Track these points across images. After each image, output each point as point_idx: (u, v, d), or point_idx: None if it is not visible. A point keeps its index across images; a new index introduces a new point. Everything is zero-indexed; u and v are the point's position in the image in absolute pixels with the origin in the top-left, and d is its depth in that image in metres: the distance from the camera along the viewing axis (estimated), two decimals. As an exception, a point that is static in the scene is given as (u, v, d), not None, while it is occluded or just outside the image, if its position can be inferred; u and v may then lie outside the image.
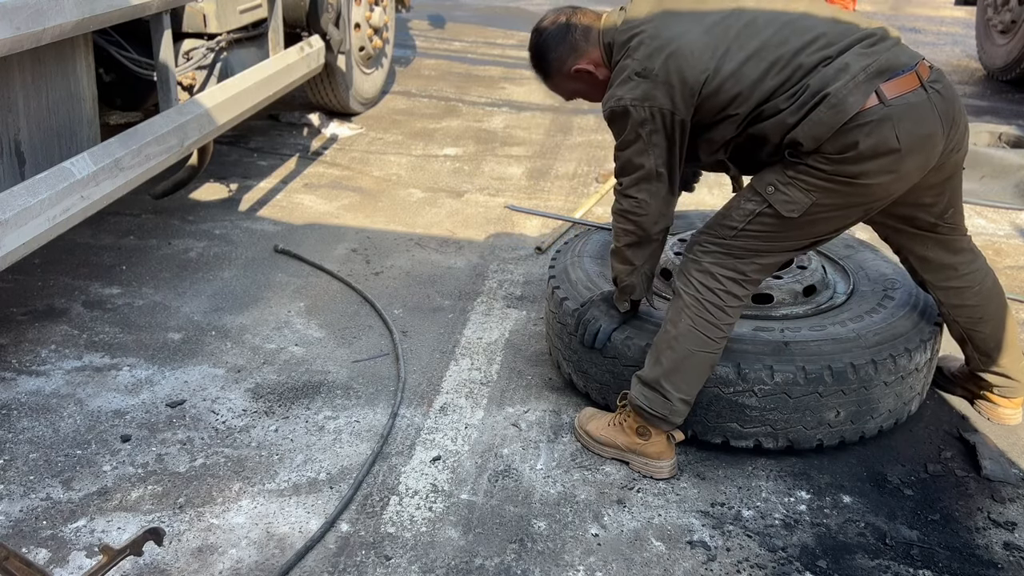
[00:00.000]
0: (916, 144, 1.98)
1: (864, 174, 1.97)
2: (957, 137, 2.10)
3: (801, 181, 2.00)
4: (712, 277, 2.13)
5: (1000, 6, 6.86)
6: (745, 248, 2.11)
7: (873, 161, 1.96)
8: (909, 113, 1.97)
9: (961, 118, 2.10)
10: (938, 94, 2.03)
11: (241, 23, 3.74)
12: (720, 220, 2.14)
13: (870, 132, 1.94)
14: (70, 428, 2.39)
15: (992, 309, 2.38)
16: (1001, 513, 2.21)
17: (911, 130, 1.97)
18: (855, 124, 1.94)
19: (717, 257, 2.13)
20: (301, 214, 3.93)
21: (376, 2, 5.24)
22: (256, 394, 2.59)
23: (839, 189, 2.00)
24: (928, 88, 2.01)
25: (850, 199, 2.03)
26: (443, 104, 5.82)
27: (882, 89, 1.95)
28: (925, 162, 2.03)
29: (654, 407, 2.20)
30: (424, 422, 2.48)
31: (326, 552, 1.99)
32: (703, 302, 2.13)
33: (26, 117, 2.51)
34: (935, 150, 2.03)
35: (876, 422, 2.38)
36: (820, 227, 2.10)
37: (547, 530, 2.09)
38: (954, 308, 2.39)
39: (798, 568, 2.00)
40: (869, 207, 2.09)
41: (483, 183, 4.40)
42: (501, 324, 3.03)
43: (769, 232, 2.08)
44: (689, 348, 2.15)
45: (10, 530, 2.02)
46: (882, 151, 1.95)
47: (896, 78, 1.98)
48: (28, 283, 3.18)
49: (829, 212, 2.05)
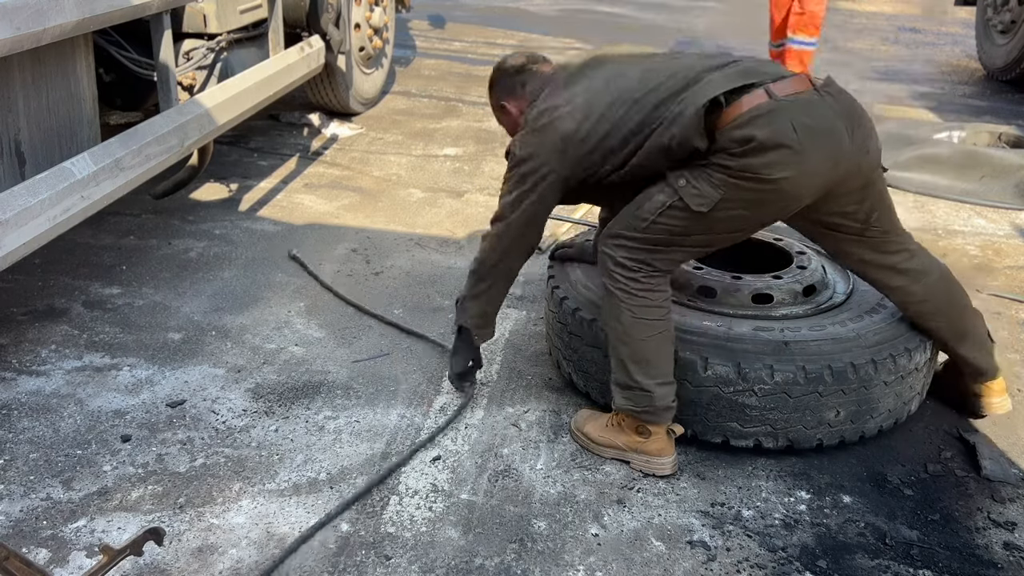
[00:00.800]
0: (815, 136, 2.02)
1: (768, 167, 2.00)
2: (861, 137, 2.11)
3: (710, 176, 2.06)
4: (628, 269, 2.19)
5: (1000, 6, 6.87)
6: (655, 241, 2.16)
7: (774, 152, 2.00)
8: (803, 107, 2.04)
9: (864, 119, 2.14)
10: (831, 96, 2.09)
11: (241, 23, 3.74)
12: (632, 211, 2.20)
13: (765, 123, 2.00)
14: (70, 428, 2.39)
15: (942, 302, 2.38)
16: (1001, 513, 2.21)
17: (807, 123, 2.02)
18: (748, 118, 2.01)
19: (630, 251, 2.18)
20: (301, 214, 3.93)
21: (376, 2, 5.24)
22: (256, 394, 2.59)
23: (748, 186, 2.04)
24: (821, 91, 2.09)
25: (760, 195, 2.06)
26: (443, 104, 5.82)
27: (771, 88, 2.04)
28: (832, 158, 2.05)
29: (640, 404, 2.21)
30: (424, 422, 2.48)
31: (326, 552, 1.99)
32: (633, 292, 2.19)
33: (26, 117, 2.51)
34: (840, 145, 2.06)
35: (876, 422, 2.38)
36: (729, 224, 2.14)
37: (547, 530, 2.09)
38: (904, 306, 2.39)
39: (798, 568, 2.00)
40: (782, 207, 2.12)
41: (483, 183, 4.40)
42: (501, 324, 3.03)
43: (678, 226, 2.13)
44: (640, 335, 2.20)
45: (10, 530, 2.02)
46: (781, 141, 1.99)
47: (783, 80, 2.07)
48: (28, 283, 3.18)
49: (739, 209, 2.09)
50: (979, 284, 3.42)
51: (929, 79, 7.13)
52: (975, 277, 3.48)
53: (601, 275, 2.27)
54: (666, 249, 2.18)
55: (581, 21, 8.99)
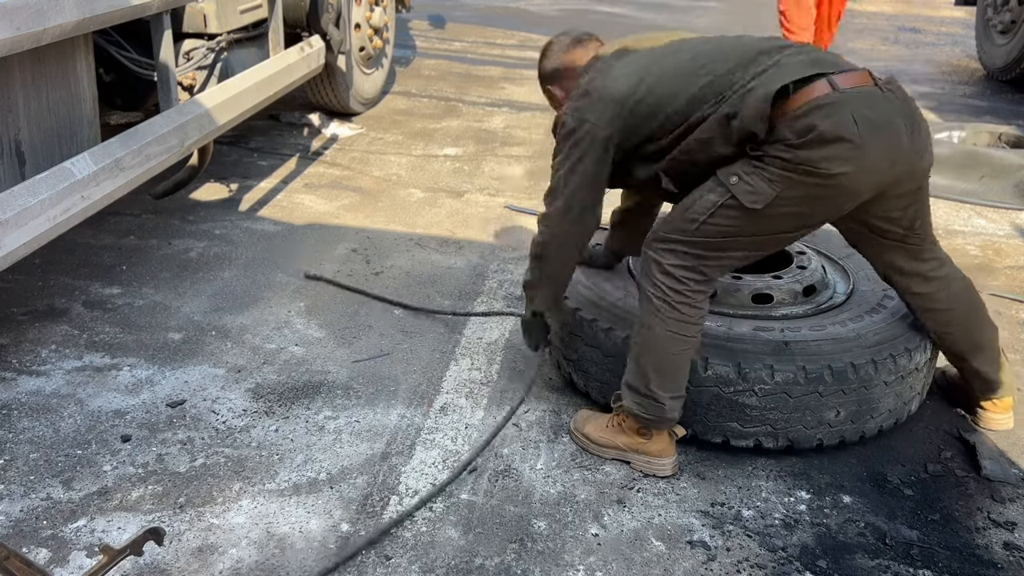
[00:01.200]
0: (876, 131, 1.97)
1: (827, 160, 1.95)
2: (919, 139, 2.08)
3: (765, 171, 1.99)
4: (675, 279, 2.12)
5: (1000, 6, 6.86)
6: (706, 244, 2.09)
7: (833, 146, 1.94)
8: (866, 101, 1.99)
9: (922, 122, 2.10)
10: (893, 94, 2.04)
11: (241, 23, 3.74)
12: (681, 212, 2.13)
13: (827, 115, 1.94)
14: (70, 428, 2.39)
15: (960, 313, 2.36)
16: (1001, 513, 2.21)
17: (869, 116, 1.97)
18: (811, 107, 1.96)
19: (678, 256, 2.12)
20: (301, 214, 3.93)
21: (376, 2, 5.24)
22: (256, 394, 2.59)
23: (803, 180, 1.97)
24: (883, 87, 2.04)
25: (817, 191, 2.00)
26: (443, 104, 5.82)
27: (835, 79, 1.98)
28: (889, 156, 2.01)
29: (649, 412, 2.21)
30: (424, 422, 2.48)
31: (326, 552, 1.99)
32: (672, 304, 2.13)
33: (26, 117, 2.51)
34: (899, 143, 2.02)
35: (876, 422, 2.38)
36: (783, 223, 2.07)
37: (547, 530, 2.09)
38: (922, 312, 2.38)
39: (798, 568, 2.00)
40: (838, 204, 2.06)
41: (483, 183, 4.40)
42: (501, 324, 3.03)
43: (731, 226, 2.06)
44: (668, 350, 2.16)
45: (10, 530, 2.02)
46: (842, 134, 1.94)
47: (847, 72, 2.02)
48: (28, 283, 3.18)
49: (793, 206, 2.03)
50: (979, 284, 3.39)
51: (929, 79, 7.13)
52: (975, 277, 3.45)
53: (640, 278, 2.21)
54: (717, 254, 2.11)
55: (581, 21, 8.99)
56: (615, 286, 2.59)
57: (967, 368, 2.45)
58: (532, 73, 2.41)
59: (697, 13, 9.85)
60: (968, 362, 2.43)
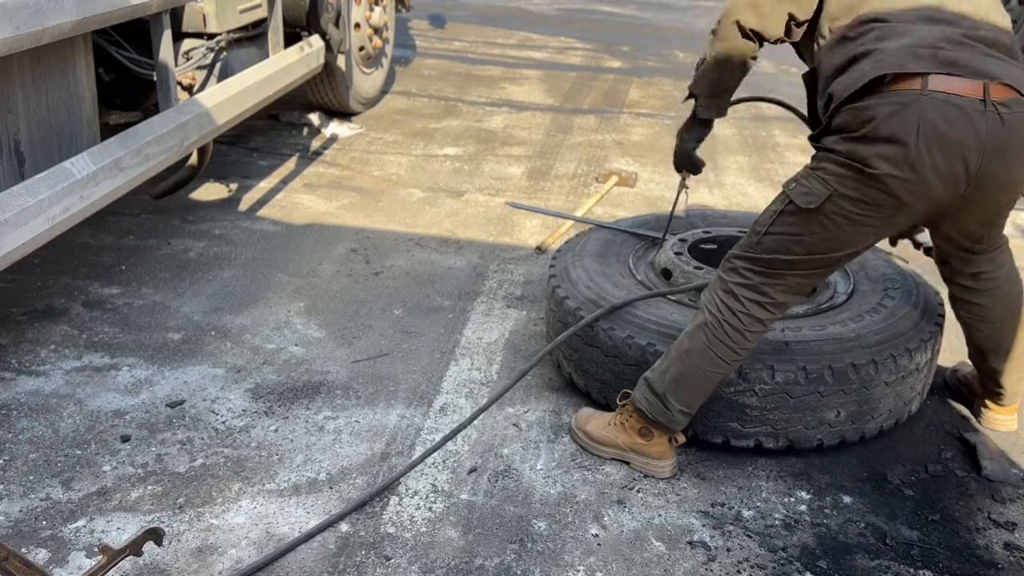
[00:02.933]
0: (935, 144, 1.82)
1: (877, 159, 1.84)
2: (1007, 175, 1.91)
3: (820, 170, 1.94)
4: (735, 299, 2.08)
5: (1000, 6, 6.85)
6: (770, 262, 2.04)
7: (886, 145, 1.83)
8: (943, 110, 1.82)
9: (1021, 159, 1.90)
10: (998, 116, 1.84)
11: (241, 23, 3.73)
12: (751, 227, 2.10)
13: (893, 113, 1.83)
14: (70, 428, 2.39)
15: (997, 312, 2.32)
16: (1001, 513, 2.20)
17: (938, 127, 1.82)
18: (883, 98, 1.85)
19: (744, 275, 2.08)
20: (301, 214, 3.92)
21: (376, 2, 5.24)
22: (256, 394, 2.58)
23: (853, 176, 1.89)
24: (990, 105, 1.83)
25: (866, 193, 1.89)
26: (443, 104, 5.82)
27: (930, 78, 1.83)
28: (946, 175, 1.85)
29: (653, 413, 2.20)
30: (424, 422, 2.48)
31: (326, 552, 1.99)
32: (723, 323, 2.09)
33: (26, 117, 2.51)
34: (959, 167, 1.85)
35: (876, 422, 2.38)
36: (841, 230, 1.95)
37: (547, 530, 2.09)
38: (957, 301, 2.35)
39: (798, 568, 2.00)
40: (890, 214, 1.93)
41: (483, 183, 4.40)
42: (501, 324, 3.03)
43: (790, 233, 2.00)
44: (700, 366, 2.13)
45: (10, 530, 2.02)
46: (897, 135, 1.82)
47: (957, 78, 1.84)
48: (28, 283, 3.18)
49: (848, 208, 1.92)
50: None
51: (929, 79, 7.12)
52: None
53: (704, 292, 2.18)
54: (780, 272, 2.04)
55: (581, 21, 8.99)
56: (616, 286, 2.59)
57: (984, 367, 2.43)
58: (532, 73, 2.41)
59: (696, 13, 9.85)
60: (987, 361, 2.41)
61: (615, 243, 2.90)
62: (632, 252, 2.85)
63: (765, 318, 2.09)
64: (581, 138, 5.18)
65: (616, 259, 2.79)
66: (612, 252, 2.83)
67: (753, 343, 2.12)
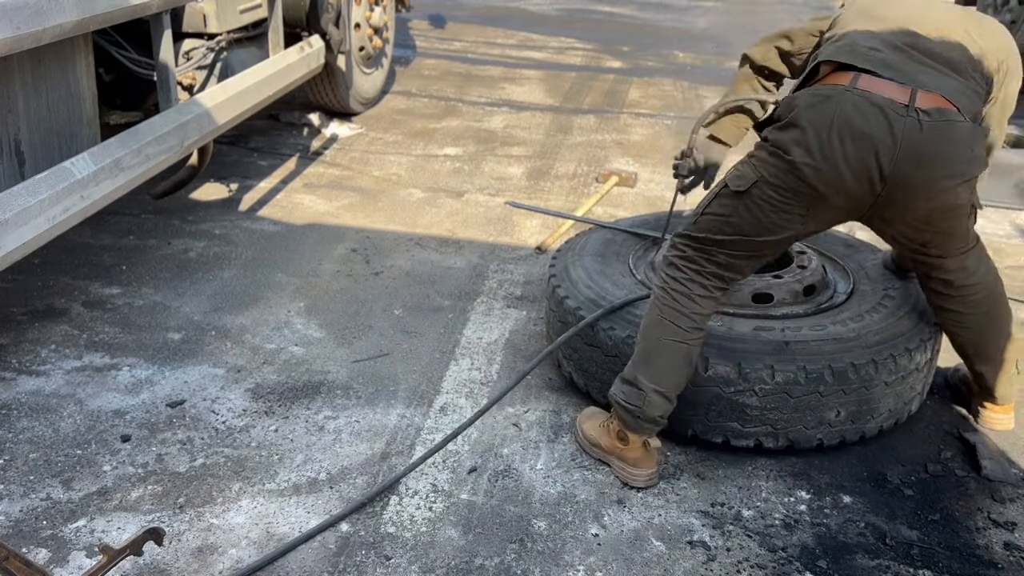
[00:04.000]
0: (848, 135, 1.91)
1: (791, 145, 1.96)
2: (924, 181, 1.95)
3: (753, 157, 2.08)
4: (677, 268, 2.21)
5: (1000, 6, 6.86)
6: (704, 239, 2.16)
7: (802, 133, 1.96)
8: (862, 107, 1.92)
9: (939, 167, 1.94)
10: (918, 122, 1.90)
11: (241, 23, 3.74)
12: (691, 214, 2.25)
13: (813, 104, 1.96)
14: (70, 428, 2.39)
15: (973, 319, 2.33)
16: (1001, 513, 2.21)
17: (852, 121, 1.91)
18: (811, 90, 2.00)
19: (681, 250, 2.21)
20: (301, 214, 3.93)
21: (376, 2, 5.24)
22: (256, 394, 2.58)
23: (775, 163, 2.01)
24: (912, 111, 1.90)
25: (786, 179, 1.99)
26: (443, 104, 5.82)
27: (860, 77, 1.97)
28: (856, 167, 1.93)
29: (630, 400, 2.20)
30: (424, 422, 2.48)
31: (326, 552, 1.99)
32: (669, 291, 2.20)
33: (26, 117, 2.51)
34: (870, 160, 1.92)
35: (876, 422, 2.38)
36: (768, 215, 2.04)
37: (547, 530, 2.09)
38: (935, 307, 2.38)
39: (798, 568, 2.00)
40: (807, 201, 2.01)
41: (483, 183, 4.40)
42: (501, 324, 3.03)
43: (722, 214, 2.12)
44: (657, 336, 2.19)
45: (10, 530, 2.02)
46: (813, 125, 1.94)
47: (885, 80, 1.95)
48: (28, 283, 3.18)
49: (770, 195, 2.02)
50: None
51: (929, 79, 7.12)
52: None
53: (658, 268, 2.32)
54: (712, 248, 2.15)
55: (581, 21, 8.99)
56: (616, 285, 2.59)
57: (972, 369, 2.46)
58: (532, 73, 2.41)
59: (696, 13, 9.85)
60: (972, 364, 2.44)
61: (615, 243, 2.90)
62: (632, 252, 2.85)
63: (708, 285, 2.18)
64: (581, 138, 5.18)
65: (616, 259, 2.79)
66: (612, 252, 2.83)
67: (705, 309, 2.19)
